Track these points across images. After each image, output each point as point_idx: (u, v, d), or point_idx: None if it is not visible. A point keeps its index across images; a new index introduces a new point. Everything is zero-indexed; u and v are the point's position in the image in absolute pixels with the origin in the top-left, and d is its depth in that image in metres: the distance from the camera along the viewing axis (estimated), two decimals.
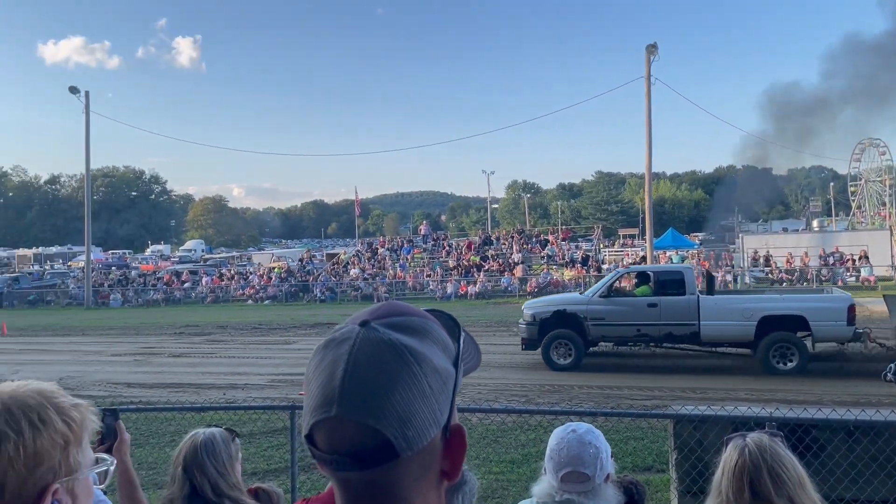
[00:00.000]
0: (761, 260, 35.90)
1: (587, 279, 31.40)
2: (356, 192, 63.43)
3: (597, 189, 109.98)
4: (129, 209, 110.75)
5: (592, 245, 43.19)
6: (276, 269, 44.26)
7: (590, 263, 36.41)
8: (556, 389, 12.58)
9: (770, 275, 34.44)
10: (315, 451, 0.82)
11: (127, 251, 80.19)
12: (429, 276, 39.43)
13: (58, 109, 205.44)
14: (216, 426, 2.72)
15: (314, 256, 51.64)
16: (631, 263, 33.03)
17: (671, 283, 14.31)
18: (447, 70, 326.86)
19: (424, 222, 62.49)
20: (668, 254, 40.52)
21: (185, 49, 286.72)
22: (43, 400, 1.00)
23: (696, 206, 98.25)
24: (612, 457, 2.41)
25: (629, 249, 46.67)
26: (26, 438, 0.95)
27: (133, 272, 49.64)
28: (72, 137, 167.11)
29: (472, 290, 35.28)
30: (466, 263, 40.04)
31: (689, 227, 75.10)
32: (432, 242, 46.62)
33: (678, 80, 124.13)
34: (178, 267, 50.85)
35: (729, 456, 2.06)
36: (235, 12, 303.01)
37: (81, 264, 48.48)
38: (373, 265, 42.36)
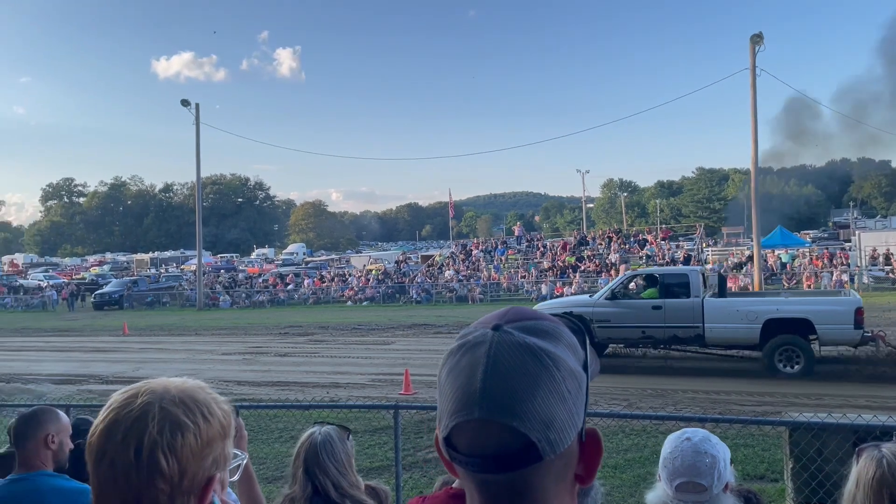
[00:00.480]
0: (881, 259, 33.62)
1: None
2: (450, 195, 64.28)
3: (698, 186, 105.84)
4: (236, 215, 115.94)
5: (694, 244, 41.71)
6: (373, 272, 45.28)
7: (692, 263, 35.15)
8: (660, 394, 12.22)
9: (891, 274, 32.19)
10: (454, 453, 0.82)
11: (234, 255, 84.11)
12: (523, 277, 39.24)
13: (170, 121, 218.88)
14: (326, 423, 2.72)
15: (409, 258, 52.45)
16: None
17: (676, 286, 14.28)
18: (539, 69, 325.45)
19: (519, 223, 62.29)
20: (776, 252, 38.58)
21: (285, 60, 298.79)
22: (206, 395, 1.07)
23: (806, 202, 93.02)
24: (731, 463, 2.31)
25: (734, 248, 44.71)
26: (201, 429, 1.02)
27: (240, 275, 51.96)
28: (183, 147, 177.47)
29: (567, 291, 34.80)
30: (561, 264, 39.60)
31: (799, 225, 71.22)
32: (526, 243, 46.36)
33: (786, 69, 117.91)
34: (282, 270, 52.85)
35: (864, 468, 1.92)
36: (332, 22, 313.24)
37: (193, 268, 51.21)
38: (467, 267, 42.56)
